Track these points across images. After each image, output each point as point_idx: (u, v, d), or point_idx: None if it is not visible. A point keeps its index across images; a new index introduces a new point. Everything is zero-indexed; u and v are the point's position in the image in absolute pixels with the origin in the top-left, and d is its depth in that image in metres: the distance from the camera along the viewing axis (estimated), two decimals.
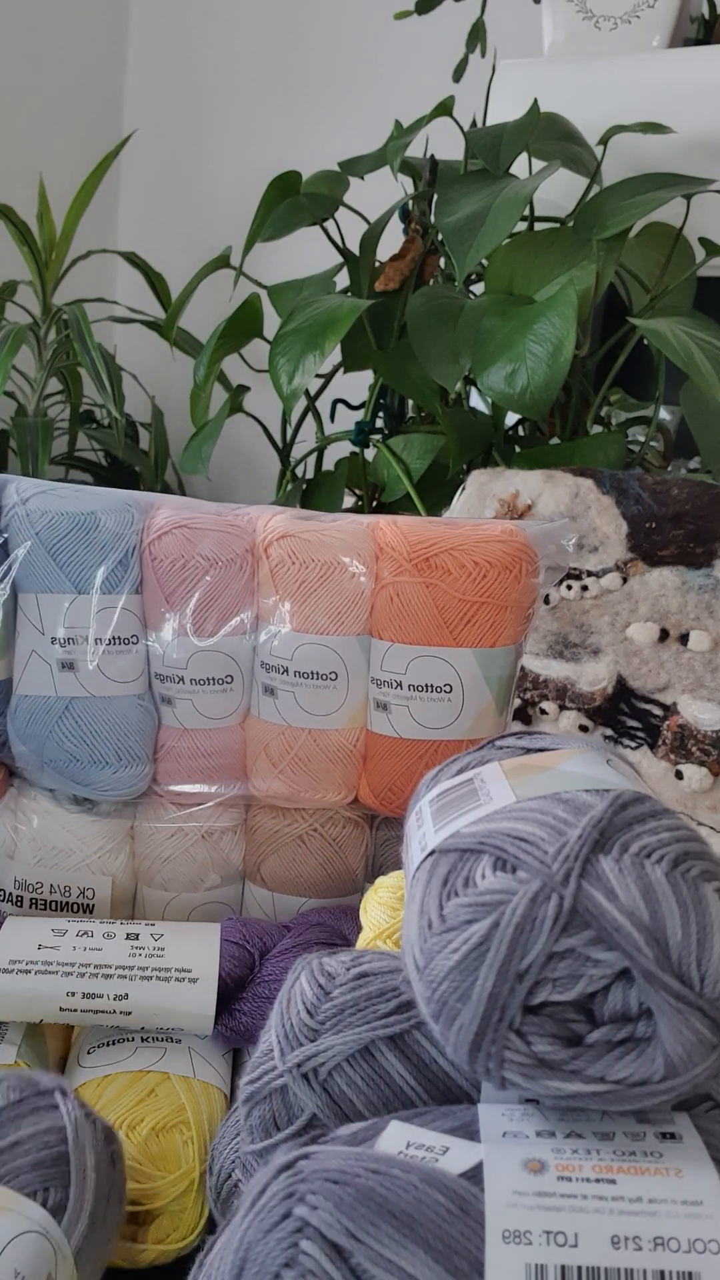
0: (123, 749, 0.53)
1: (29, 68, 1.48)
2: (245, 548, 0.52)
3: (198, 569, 0.51)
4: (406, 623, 0.52)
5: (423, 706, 0.52)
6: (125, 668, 0.52)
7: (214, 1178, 0.41)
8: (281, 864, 0.55)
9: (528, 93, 0.89)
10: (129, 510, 0.52)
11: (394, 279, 0.97)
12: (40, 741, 0.52)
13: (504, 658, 0.53)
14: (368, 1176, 0.27)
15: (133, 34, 1.65)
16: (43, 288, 1.36)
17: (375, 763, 0.54)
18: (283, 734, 0.54)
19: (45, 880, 0.53)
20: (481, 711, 0.53)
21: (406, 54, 1.36)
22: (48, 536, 0.51)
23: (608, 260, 0.83)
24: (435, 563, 0.51)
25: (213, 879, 0.55)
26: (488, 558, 0.51)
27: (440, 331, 0.87)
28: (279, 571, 0.52)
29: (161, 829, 0.55)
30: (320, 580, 0.51)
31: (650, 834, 0.31)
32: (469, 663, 0.52)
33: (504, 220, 0.80)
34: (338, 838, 0.55)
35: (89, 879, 0.54)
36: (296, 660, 0.52)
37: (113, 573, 0.51)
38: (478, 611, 0.51)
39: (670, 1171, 0.28)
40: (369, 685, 0.53)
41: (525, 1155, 0.29)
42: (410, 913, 0.33)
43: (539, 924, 0.29)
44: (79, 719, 0.52)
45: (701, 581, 0.69)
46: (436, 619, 0.51)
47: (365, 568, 0.52)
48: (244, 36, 1.56)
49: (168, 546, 0.51)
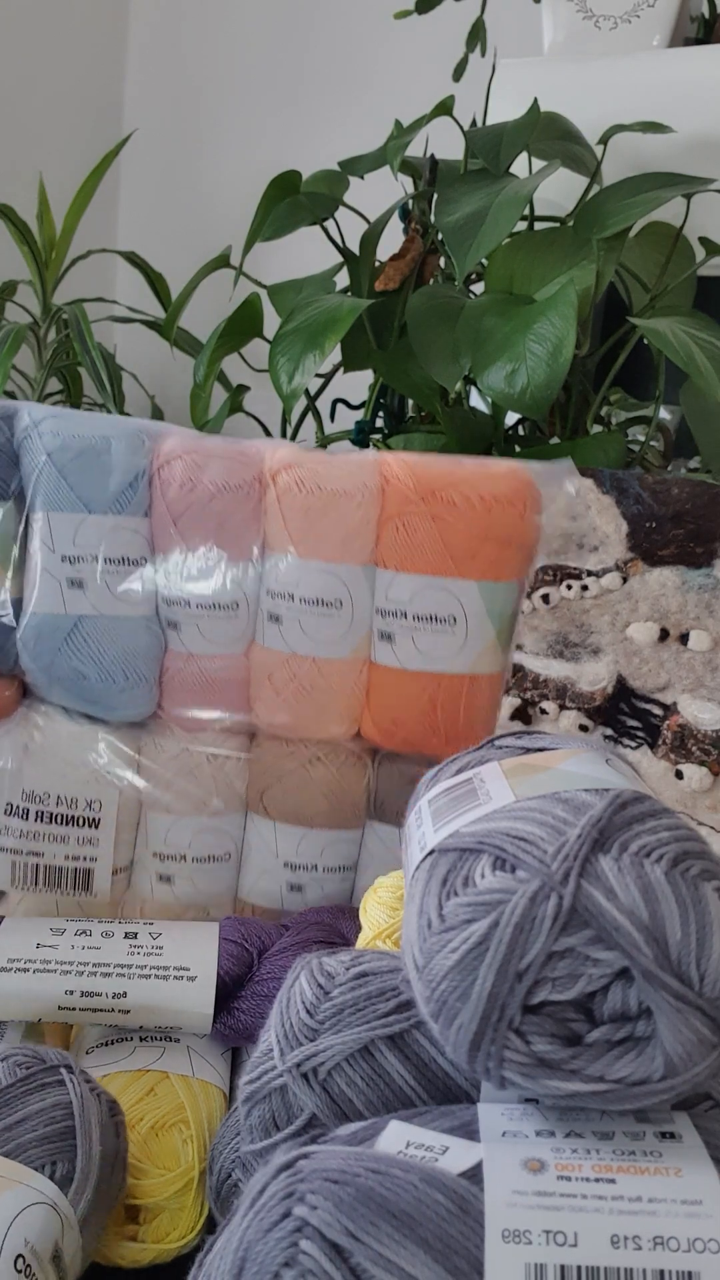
0: (130, 669, 0.54)
1: (29, 68, 1.48)
2: (253, 475, 0.53)
3: (205, 494, 0.52)
4: (412, 553, 0.53)
5: (427, 638, 0.53)
6: (132, 589, 0.53)
7: (213, 1177, 0.41)
8: (284, 793, 0.55)
9: (528, 92, 0.89)
10: (140, 436, 0.54)
11: (394, 279, 0.97)
12: (49, 659, 0.53)
13: (507, 593, 0.54)
14: (367, 1176, 0.27)
15: (133, 34, 1.65)
16: (43, 287, 1.36)
17: (378, 695, 0.55)
18: (287, 662, 0.54)
19: (53, 791, 0.54)
20: (485, 647, 0.54)
21: (406, 54, 1.36)
22: (60, 457, 0.52)
23: (608, 260, 0.83)
24: (441, 496, 0.52)
25: (216, 803, 0.55)
26: (493, 493, 0.52)
27: (440, 331, 0.87)
28: (285, 498, 0.53)
29: (167, 750, 0.55)
30: (326, 508, 0.52)
31: (650, 833, 0.31)
32: (473, 595, 0.53)
33: (504, 220, 0.80)
34: (341, 768, 0.56)
35: (96, 790, 0.54)
36: (302, 587, 0.53)
37: (122, 494, 0.52)
38: (482, 545, 0.52)
39: (670, 1171, 0.28)
40: (373, 616, 0.54)
41: (525, 1155, 0.28)
42: (410, 912, 0.33)
43: (538, 923, 0.29)
44: (87, 637, 0.53)
45: (701, 581, 0.69)
46: (442, 550, 0.52)
47: (371, 498, 0.53)
48: (243, 36, 1.56)
49: (176, 471, 0.53)
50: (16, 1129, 0.36)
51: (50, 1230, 0.34)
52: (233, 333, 1.00)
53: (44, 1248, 0.33)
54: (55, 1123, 0.36)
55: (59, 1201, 0.34)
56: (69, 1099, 0.37)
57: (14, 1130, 0.36)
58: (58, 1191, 0.35)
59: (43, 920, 0.52)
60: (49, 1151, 0.35)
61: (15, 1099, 0.37)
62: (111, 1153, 0.38)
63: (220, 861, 0.57)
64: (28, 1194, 0.34)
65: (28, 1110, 0.36)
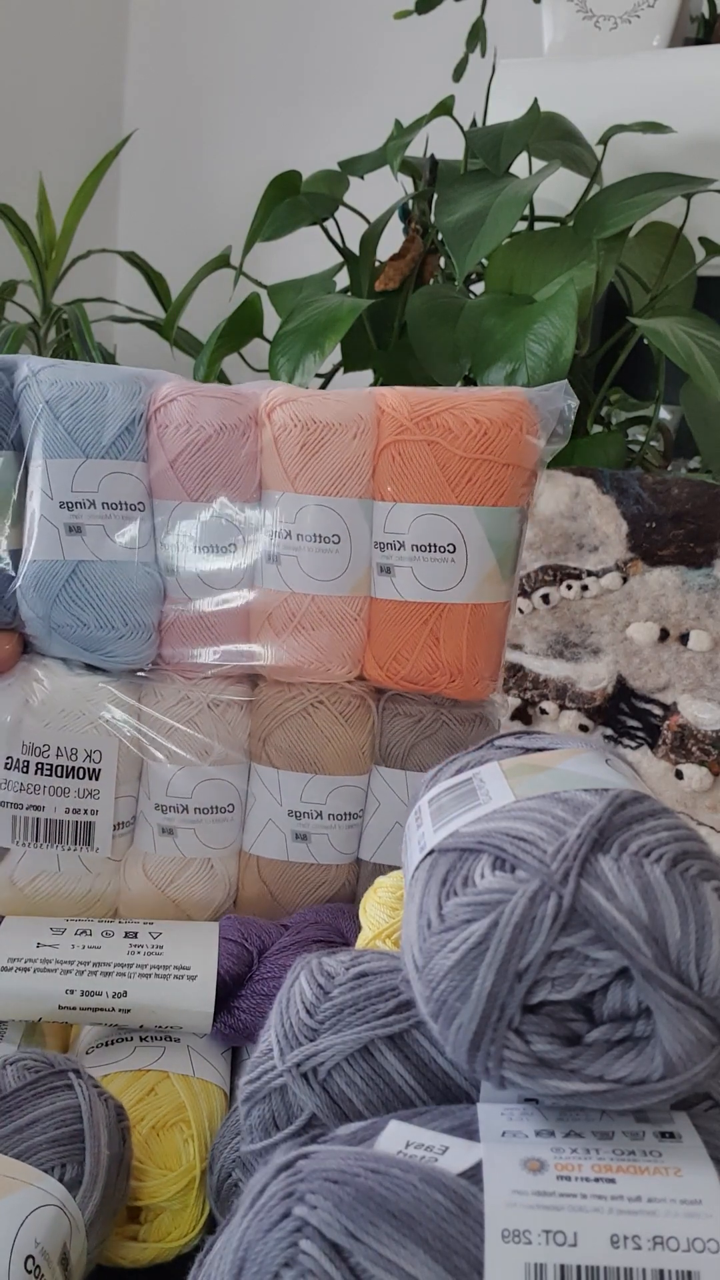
0: (129, 615, 0.54)
1: (29, 68, 1.48)
2: (249, 415, 0.54)
3: (202, 435, 0.53)
4: (409, 481, 0.53)
5: (426, 567, 0.53)
6: (131, 533, 0.54)
7: (214, 1177, 0.41)
8: (288, 738, 0.55)
9: (528, 92, 0.89)
10: (136, 382, 0.54)
11: (394, 279, 0.97)
12: (48, 605, 0.53)
13: (507, 519, 0.53)
14: (367, 1176, 0.27)
15: (133, 34, 1.65)
16: (43, 287, 1.36)
17: (379, 630, 0.55)
18: (286, 601, 0.54)
19: (52, 743, 0.54)
20: (486, 575, 0.53)
21: (406, 54, 1.36)
22: (57, 405, 0.53)
23: (608, 260, 0.83)
24: (436, 421, 0.52)
25: (219, 751, 0.55)
26: (488, 415, 0.52)
27: (440, 331, 0.87)
28: (281, 436, 0.53)
29: (167, 698, 0.55)
30: (322, 442, 0.52)
31: (649, 833, 0.31)
32: (471, 521, 0.52)
33: (504, 220, 0.80)
34: (344, 711, 0.56)
35: (96, 740, 0.54)
36: (299, 523, 0.53)
37: (119, 438, 0.53)
38: (479, 469, 0.52)
39: (669, 1171, 0.28)
40: (372, 550, 0.54)
41: (524, 1154, 0.29)
42: (409, 912, 0.33)
43: (538, 923, 0.29)
44: (85, 582, 0.53)
45: (701, 581, 0.69)
46: (438, 476, 0.52)
47: (367, 430, 0.53)
48: (243, 36, 1.56)
49: (173, 413, 0.53)
50: (26, 1131, 0.36)
51: (59, 1232, 0.34)
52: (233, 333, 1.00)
53: (53, 1249, 0.33)
54: (64, 1126, 0.37)
55: (67, 1204, 0.35)
56: (77, 1103, 0.37)
57: (24, 1133, 0.36)
58: (66, 1194, 0.35)
59: (43, 920, 0.52)
60: (58, 1154, 0.36)
61: (25, 1102, 0.37)
62: (118, 1157, 0.38)
63: (224, 812, 0.56)
64: (38, 1195, 0.34)
65: (38, 1113, 0.37)
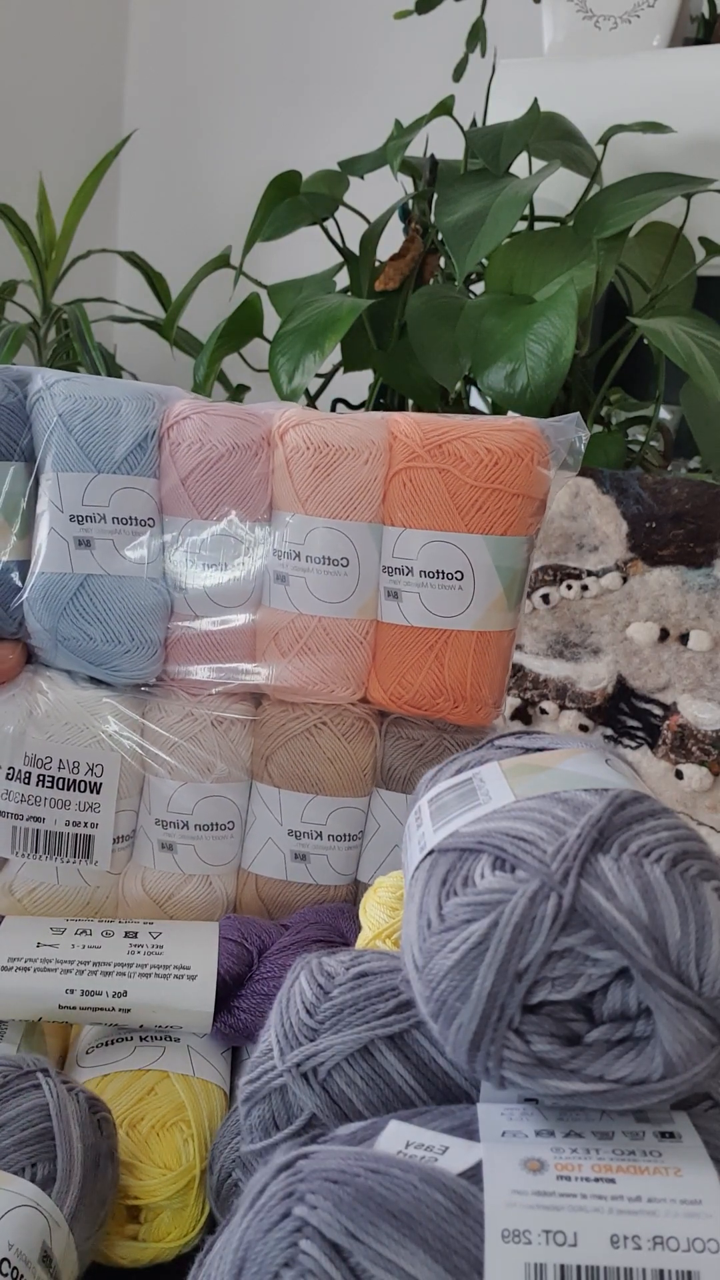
0: (135, 630, 0.54)
1: (29, 68, 1.48)
2: (261, 435, 0.54)
3: (214, 453, 0.53)
4: (419, 508, 0.53)
5: (434, 594, 0.53)
6: (140, 549, 0.54)
7: (214, 1177, 0.41)
8: (290, 759, 0.56)
9: (528, 92, 0.89)
10: (150, 399, 0.55)
11: (394, 279, 0.97)
12: (55, 618, 0.54)
13: (515, 548, 0.54)
14: (367, 1176, 0.27)
15: (133, 34, 1.65)
16: (43, 287, 1.36)
17: (385, 654, 0.55)
18: (293, 622, 0.54)
19: (55, 755, 0.54)
20: (492, 603, 0.54)
21: (406, 54, 1.36)
22: (70, 418, 0.53)
23: (608, 260, 0.83)
24: (448, 450, 0.52)
25: (221, 768, 0.55)
26: (500, 445, 0.52)
27: (440, 331, 0.87)
28: (293, 458, 0.53)
29: (171, 712, 0.56)
30: (333, 465, 0.53)
31: (649, 833, 0.31)
32: (480, 549, 0.53)
33: (504, 220, 0.80)
34: (347, 733, 0.56)
35: (98, 754, 0.54)
36: (309, 545, 0.54)
37: (131, 454, 0.53)
38: (489, 498, 0.52)
39: (669, 1171, 0.28)
40: (380, 575, 0.55)
41: (524, 1154, 0.29)
42: (409, 912, 0.33)
43: (538, 923, 0.29)
44: (93, 596, 0.54)
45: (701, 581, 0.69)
46: (448, 504, 0.52)
47: (379, 455, 0.53)
48: (243, 36, 1.56)
49: (185, 431, 0.54)
50: None
51: (35, 1231, 0.34)
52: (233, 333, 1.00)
53: (30, 1249, 0.33)
54: (32, 1126, 0.37)
55: (42, 1202, 0.35)
56: (45, 1101, 0.38)
57: None
58: (39, 1192, 0.35)
59: (43, 920, 0.52)
60: (28, 1155, 0.36)
61: None
62: (94, 1149, 0.38)
63: (224, 830, 0.57)
64: (7, 1198, 0.34)
65: (4, 1117, 0.37)
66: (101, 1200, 0.38)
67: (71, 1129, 0.37)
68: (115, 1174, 0.40)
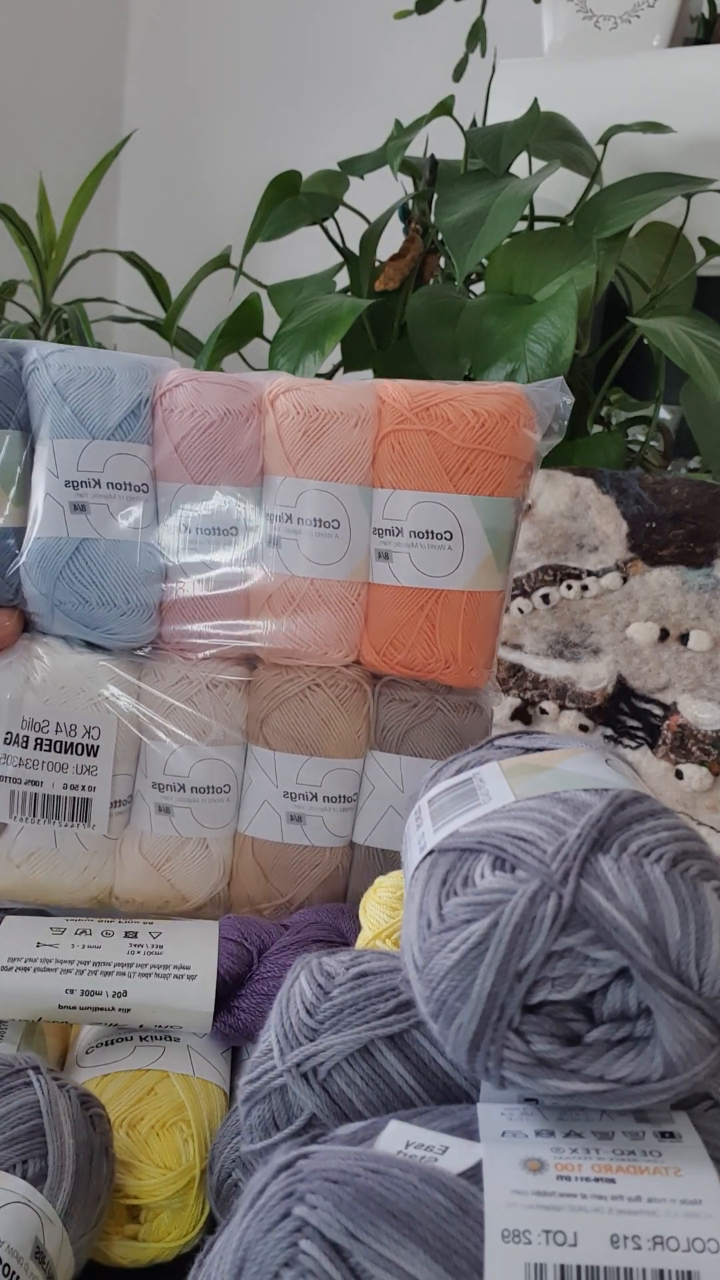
0: (130, 594, 0.55)
1: (29, 68, 1.48)
2: (252, 401, 0.55)
3: (206, 419, 0.54)
4: (408, 469, 0.54)
5: (424, 554, 0.54)
6: (134, 514, 0.55)
7: (214, 1177, 0.41)
8: (285, 721, 0.56)
9: (528, 92, 0.89)
10: (143, 368, 0.56)
11: (394, 279, 0.97)
12: (51, 582, 0.54)
13: (502, 509, 0.55)
14: (367, 1176, 0.27)
15: (133, 34, 1.65)
16: (43, 287, 1.36)
17: (377, 614, 0.56)
18: (286, 584, 0.55)
19: (52, 719, 0.55)
20: (481, 563, 0.55)
21: (406, 54, 1.36)
22: (65, 387, 0.54)
23: (608, 260, 0.83)
24: (435, 413, 0.53)
25: (217, 730, 0.56)
26: (486, 408, 0.53)
27: (440, 331, 0.87)
28: (284, 422, 0.54)
29: (167, 676, 0.56)
30: (323, 429, 0.54)
31: (649, 833, 0.31)
32: (468, 510, 0.54)
33: (504, 220, 0.80)
34: (340, 695, 0.56)
35: (95, 717, 0.55)
36: (300, 507, 0.55)
37: (125, 421, 0.54)
38: (477, 459, 0.53)
39: (669, 1171, 0.28)
40: (371, 537, 0.55)
41: (524, 1154, 0.29)
42: (409, 912, 0.33)
43: (538, 923, 0.29)
44: (89, 560, 0.55)
45: (701, 581, 0.69)
46: (437, 466, 0.54)
47: (368, 419, 0.54)
48: (243, 36, 1.56)
49: (178, 398, 0.55)
50: None
51: (27, 1227, 0.34)
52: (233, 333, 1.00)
53: (22, 1245, 0.34)
54: (23, 1123, 0.37)
55: (33, 1198, 0.35)
56: (36, 1099, 0.38)
57: None
58: (30, 1188, 0.35)
59: (43, 919, 0.52)
60: (19, 1152, 0.36)
61: None
62: (87, 1144, 0.38)
63: (220, 793, 0.57)
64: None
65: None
66: (96, 1196, 0.38)
67: (63, 1125, 0.37)
68: (110, 1170, 0.40)
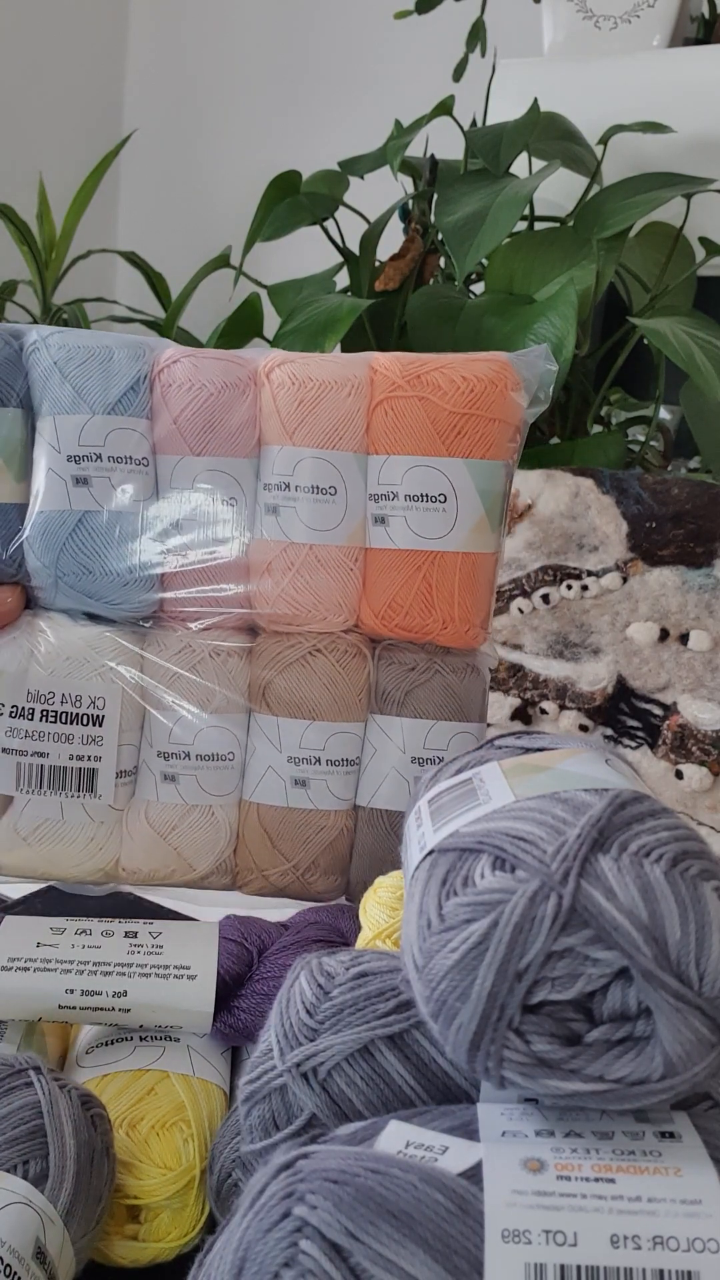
0: (132, 563, 0.56)
1: (29, 68, 1.48)
2: (249, 375, 0.57)
3: (204, 392, 0.56)
4: (401, 435, 0.56)
5: (419, 516, 0.56)
6: (136, 486, 0.57)
7: (214, 1177, 0.41)
8: (287, 686, 0.58)
9: (528, 92, 0.89)
10: (140, 346, 0.57)
11: (394, 279, 0.97)
12: (54, 554, 0.56)
13: (494, 471, 0.57)
14: (367, 1176, 0.27)
15: (133, 34, 1.65)
16: (43, 287, 1.36)
17: (375, 579, 0.57)
18: (285, 550, 0.57)
19: (57, 690, 0.56)
20: (475, 525, 0.57)
21: (406, 54, 1.36)
22: (65, 365, 0.56)
23: (608, 260, 0.83)
24: (426, 380, 0.56)
25: (220, 697, 0.57)
26: (475, 374, 0.56)
27: (440, 331, 0.87)
28: (279, 393, 0.56)
29: (170, 645, 0.57)
30: (318, 398, 0.56)
31: (649, 833, 0.31)
32: (461, 472, 0.56)
33: (504, 220, 0.80)
34: (341, 659, 0.58)
35: (100, 687, 0.56)
36: (297, 475, 0.56)
37: (125, 396, 0.56)
38: (468, 423, 0.56)
39: (669, 1171, 0.28)
40: (367, 503, 0.57)
41: (524, 1154, 0.29)
42: (409, 912, 0.33)
43: (538, 923, 0.29)
44: (91, 531, 0.56)
45: (701, 581, 0.69)
46: (429, 430, 0.56)
47: (361, 388, 0.57)
48: (243, 36, 1.56)
49: (176, 373, 0.56)
50: None
51: (28, 1228, 0.34)
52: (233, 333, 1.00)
53: (23, 1246, 0.34)
54: (24, 1123, 0.37)
55: (34, 1198, 0.35)
56: (37, 1099, 0.38)
57: None
58: (31, 1189, 0.35)
59: (43, 919, 0.52)
60: (20, 1152, 0.36)
61: None
62: (89, 1145, 0.38)
63: (224, 760, 0.58)
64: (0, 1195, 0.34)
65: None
66: (97, 1196, 0.38)
67: (64, 1125, 0.37)
68: (111, 1170, 0.40)
